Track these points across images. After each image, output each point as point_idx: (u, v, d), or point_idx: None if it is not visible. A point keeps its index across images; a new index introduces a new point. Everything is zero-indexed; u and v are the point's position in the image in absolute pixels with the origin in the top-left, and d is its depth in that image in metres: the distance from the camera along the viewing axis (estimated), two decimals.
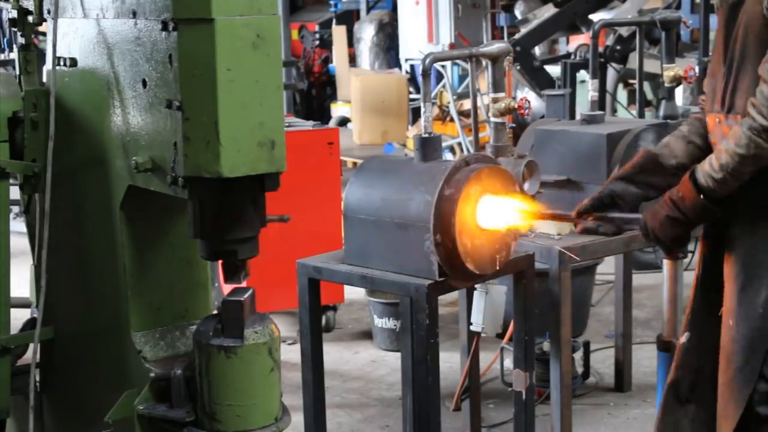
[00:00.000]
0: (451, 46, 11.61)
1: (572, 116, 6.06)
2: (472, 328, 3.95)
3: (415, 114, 11.98)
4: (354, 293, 5.93)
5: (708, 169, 2.59)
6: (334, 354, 5.40)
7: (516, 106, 3.91)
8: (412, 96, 12.21)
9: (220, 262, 2.37)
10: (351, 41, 14.48)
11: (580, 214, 2.91)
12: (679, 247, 2.84)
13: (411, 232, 3.24)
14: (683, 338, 2.92)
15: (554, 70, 8.37)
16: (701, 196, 2.61)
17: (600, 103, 4.86)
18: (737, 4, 2.78)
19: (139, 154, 2.38)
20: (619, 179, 2.95)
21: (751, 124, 2.50)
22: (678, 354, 2.96)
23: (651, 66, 6.60)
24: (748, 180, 2.60)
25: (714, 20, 9.20)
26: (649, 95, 8.47)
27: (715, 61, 2.87)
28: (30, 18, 3.07)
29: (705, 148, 2.87)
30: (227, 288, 2.37)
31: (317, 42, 15.15)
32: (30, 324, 3.20)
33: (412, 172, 3.39)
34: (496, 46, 3.92)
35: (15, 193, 3.13)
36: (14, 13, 3.14)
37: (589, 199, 2.92)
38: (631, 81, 8.65)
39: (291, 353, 4.88)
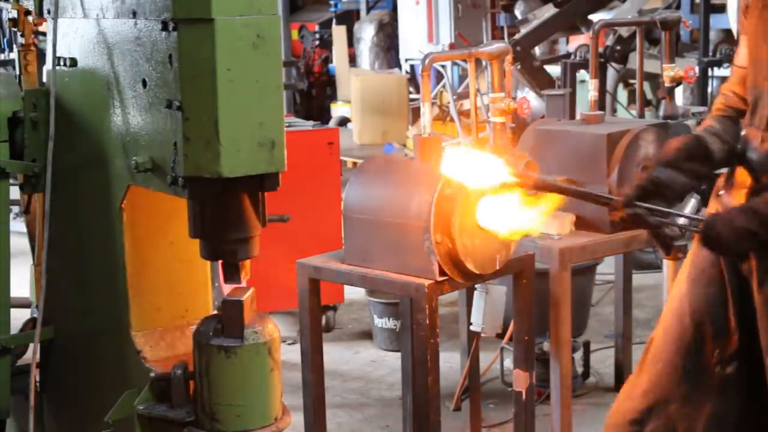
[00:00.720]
0: (451, 46, 11.60)
1: (572, 116, 6.06)
2: (472, 328, 3.96)
3: (415, 114, 11.97)
4: (354, 293, 5.93)
5: None
6: (334, 354, 5.40)
7: (516, 107, 3.91)
8: (412, 96, 12.21)
9: (220, 262, 2.37)
10: (351, 41, 14.48)
11: (627, 204, 2.60)
12: (741, 259, 2.59)
13: (411, 232, 3.24)
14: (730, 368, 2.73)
15: (554, 70, 8.37)
16: None
17: (600, 103, 4.86)
18: None
19: (139, 154, 2.38)
20: (665, 165, 2.68)
21: None
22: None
23: (651, 66, 6.60)
24: None
25: (714, 20, 9.20)
26: (649, 95, 8.47)
27: (759, 73, 2.65)
28: (30, 18, 3.07)
29: (740, 155, 2.71)
30: (227, 288, 2.36)
31: (317, 42, 15.15)
32: (30, 324, 3.20)
33: (412, 172, 3.40)
34: (496, 46, 3.92)
35: (15, 193, 3.13)
36: (14, 13, 3.14)
37: (634, 188, 2.64)
38: (631, 81, 8.65)
39: (291, 353, 4.88)
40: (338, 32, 14.16)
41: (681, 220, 2.63)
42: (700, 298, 2.77)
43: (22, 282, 3.35)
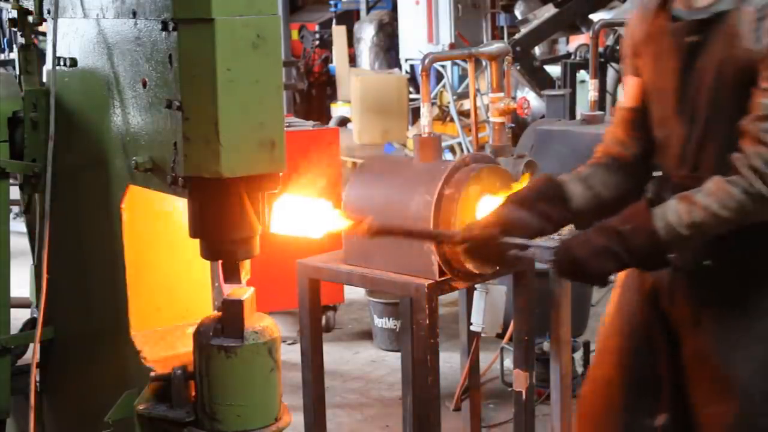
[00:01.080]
0: (451, 46, 11.61)
1: (572, 116, 6.07)
2: (472, 328, 3.96)
3: (415, 114, 11.97)
4: (354, 293, 5.94)
5: (674, 220, 2.32)
6: (334, 354, 5.40)
7: (516, 107, 3.92)
8: (412, 96, 12.21)
9: (220, 262, 2.37)
10: (351, 41, 14.48)
11: (465, 241, 2.52)
12: (601, 284, 2.40)
13: None
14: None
15: (554, 70, 8.37)
16: (658, 243, 2.33)
17: (600, 103, 4.86)
18: (698, 45, 2.46)
19: (139, 154, 2.38)
20: (514, 204, 2.56)
21: (746, 188, 2.27)
22: None
23: None
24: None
25: None
26: None
27: (666, 107, 2.55)
28: (30, 18, 3.07)
29: (609, 202, 2.62)
30: (227, 288, 2.36)
31: (317, 42, 15.15)
32: (30, 324, 3.20)
33: (412, 172, 3.40)
34: (496, 46, 3.92)
35: (15, 193, 3.13)
36: (14, 13, 3.14)
37: (476, 224, 2.55)
38: None
39: (291, 353, 4.88)
40: (338, 32, 14.17)
41: (536, 250, 2.49)
42: (630, 354, 2.69)
43: (22, 282, 3.34)
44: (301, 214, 2.34)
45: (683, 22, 2.49)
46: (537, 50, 9.69)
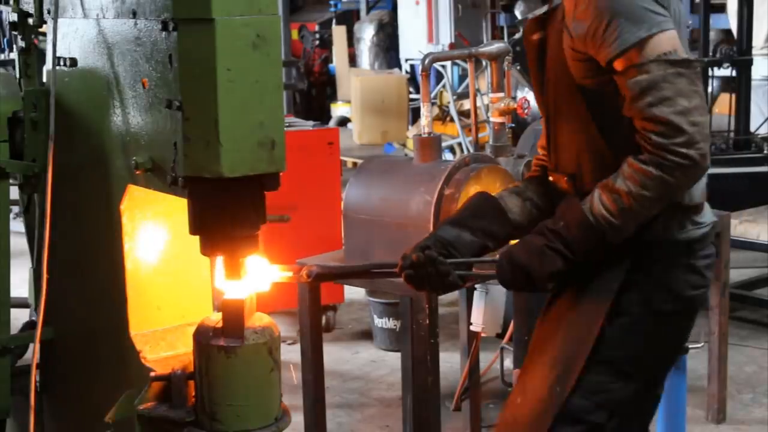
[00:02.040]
0: (451, 46, 11.62)
1: None
2: (472, 328, 3.96)
3: (415, 114, 11.98)
4: (354, 293, 5.94)
5: (602, 212, 2.30)
6: (334, 354, 5.40)
7: (516, 106, 3.92)
8: (412, 96, 12.22)
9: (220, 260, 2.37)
10: (351, 41, 14.49)
11: (404, 268, 2.45)
12: (545, 287, 2.39)
13: (411, 232, 3.24)
14: None
15: None
16: (591, 235, 2.32)
17: None
18: (543, 42, 2.48)
19: (139, 154, 2.38)
20: (450, 225, 2.55)
21: (660, 162, 2.23)
22: None
23: None
24: None
25: (714, 20, 9.19)
26: None
27: (538, 106, 2.57)
28: (30, 20, 3.07)
29: (545, 209, 2.60)
30: (227, 288, 2.36)
31: (317, 42, 15.16)
32: (30, 325, 3.20)
33: (412, 172, 3.40)
34: (496, 46, 3.93)
35: (15, 193, 3.13)
36: (14, 16, 3.14)
37: (413, 248, 2.46)
38: None
39: (291, 353, 4.88)
40: (338, 32, 14.18)
41: (479, 265, 2.50)
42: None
43: (22, 282, 3.34)
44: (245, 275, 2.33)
45: (530, 20, 2.55)
46: None
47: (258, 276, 2.38)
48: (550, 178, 2.59)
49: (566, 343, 2.47)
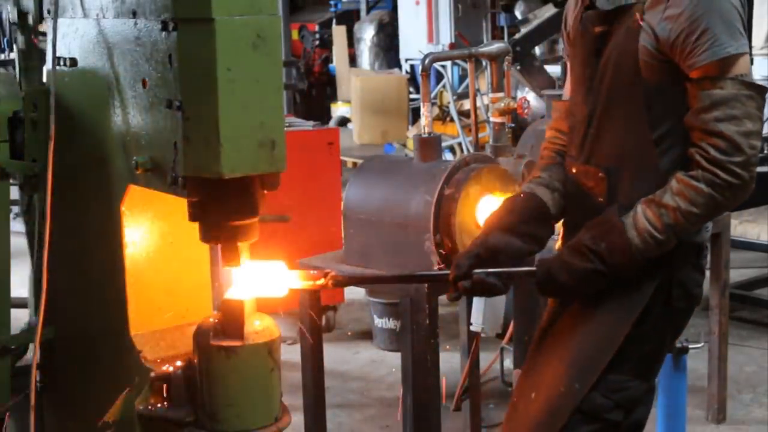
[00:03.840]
0: (451, 46, 11.63)
1: None
2: (472, 328, 3.96)
3: (415, 114, 11.98)
4: (354, 293, 5.94)
5: (647, 227, 2.34)
6: (334, 354, 5.40)
7: (516, 107, 3.92)
8: (412, 96, 12.22)
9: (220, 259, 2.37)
10: (351, 41, 14.49)
11: (459, 279, 2.46)
12: (595, 299, 2.46)
13: (411, 232, 3.24)
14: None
15: (554, 70, 8.37)
16: (636, 254, 2.35)
17: None
18: (604, 35, 2.48)
19: (139, 154, 2.38)
20: (499, 230, 2.56)
21: (711, 180, 2.27)
22: None
23: None
24: None
25: None
26: None
27: (577, 97, 2.58)
28: (30, 18, 3.07)
29: (567, 195, 2.62)
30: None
31: (317, 42, 15.16)
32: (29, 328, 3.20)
33: (412, 172, 3.40)
34: (496, 46, 3.93)
35: (15, 193, 3.13)
36: (14, 14, 3.14)
37: (464, 257, 2.48)
38: None
39: (291, 353, 4.88)
40: (338, 32, 14.18)
41: (518, 277, 2.55)
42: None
43: (22, 282, 3.34)
44: (261, 280, 2.34)
45: (593, 12, 2.53)
46: (537, 50, 9.69)
47: (279, 281, 2.37)
48: (573, 169, 2.58)
49: (587, 342, 2.49)
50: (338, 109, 13.60)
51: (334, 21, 15.05)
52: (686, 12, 2.30)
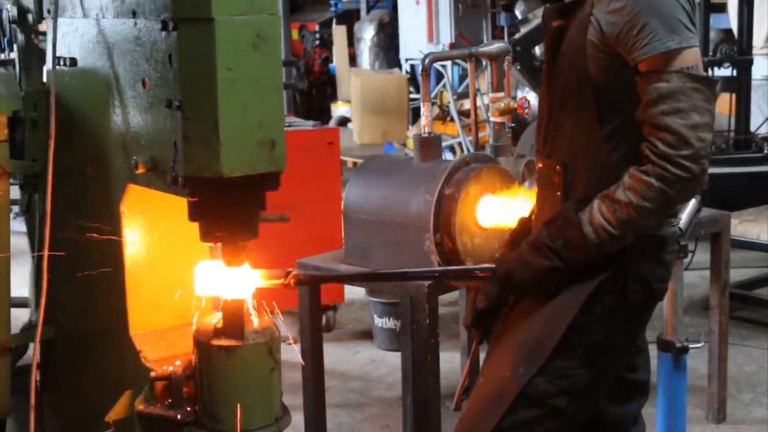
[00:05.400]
0: (451, 46, 11.63)
1: None
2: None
3: (415, 114, 11.98)
4: (354, 293, 5.93)
5: (601, 222, 2.34)
6: (334, 354, 5.39)
7: (516, 106, 3.92)
8: (412, 96, 12.21)
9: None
10: (351, 41, 14.49)
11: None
12: (555, 294, 2.48)
13: (411, 232, 3.24)
14: None
15: None
16: (592, 249, 2.36)
17: None
18: (562, 30, 2.49)
19: (139, 153, 2.38)
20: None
21: (662, 175, 2.27)
22: None
23: None
24: None
25: (714, 20, 9.18)
26: None
27: (541, 93, 2.60)
28: (30, 17, 3.07)
29: None
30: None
31: (317, 42, 15.16)
32: (30, 327, 3.20)
33: (412, 172, 3.40)
34: (496, 46, 3.92)
35: (15, 193, 3.13)
36: (14, 13, 3.14)
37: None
38: None
39: (291, 353, 4.88)
40: (338, 32, 14.17)
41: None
42: None
43: (22, 282, 3.34)
44: (223, 279, 2.32)
45: (551, 6, 2.55)
46: (537, 50, 9.68)
47: (242, 280, 2.35)
48: (539, 164, 2.60)
49: (536, 328, 2.50)
50: (338, 109, 13.60)
51: (334, 21, 15.04)
52: (628, 6, 2.31)
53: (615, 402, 2.70)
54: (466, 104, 10.33)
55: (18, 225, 3.54)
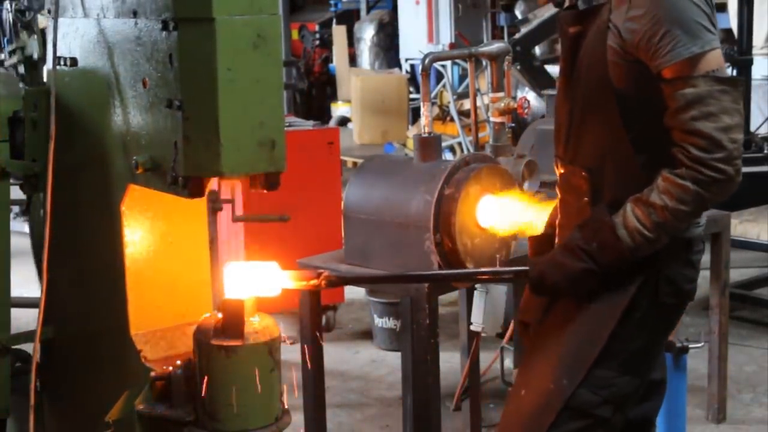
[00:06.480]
0: (451, 46, 11.62)
1: None
2: (472, 328, 3.95)
3: (415, 114, 11.98)
4: (354, 293, 5.93)
5: (636, 225, 2.35)
6: (334, 354, 5.39)
7: (516, 106, 3.91)
8: (412, 96, 12.21)
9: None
10: (351, 41, 14.48)
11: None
12: (587, 297, 2.49)
13: (411, 232, 3.24)
14: None
15: (554, 70, 8.36)
16: (627, 252, 2.37)
17: None
18: (579, 36, 2.49)
19: (139, 153, 2.38)
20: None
21: (696, 178, 2.28)
22: None
23: None
24: None
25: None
26: None
27: (559, 98, 2.59)
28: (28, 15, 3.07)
29: None
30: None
31: (317, 42, 15.15)
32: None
33: (412, 172, 3.39)
34: (496, 46, 3.92)
35: (15, 193, 3.13)
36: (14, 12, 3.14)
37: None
38: None
39: (291, 353, 4.88)
40: (338, 32, 14.17)
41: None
42: None
43: (22, 282, 3.34)
44: (253, 279, 2.35)
45: (568, 12, 2.55)
46: (537, 50, 9.68)
47: (272, 280, 2.36)
48: (560, 170, 2.60)
49: (575, 338, 2.50)
50: (338, 109, 13.59)
51: (334, 21, 15.04)
52: (647, 14, 2.31)
53: (637, 402, 2.70)
54: (466, 104, 10.33)
55: (18, 225, 3.54)
